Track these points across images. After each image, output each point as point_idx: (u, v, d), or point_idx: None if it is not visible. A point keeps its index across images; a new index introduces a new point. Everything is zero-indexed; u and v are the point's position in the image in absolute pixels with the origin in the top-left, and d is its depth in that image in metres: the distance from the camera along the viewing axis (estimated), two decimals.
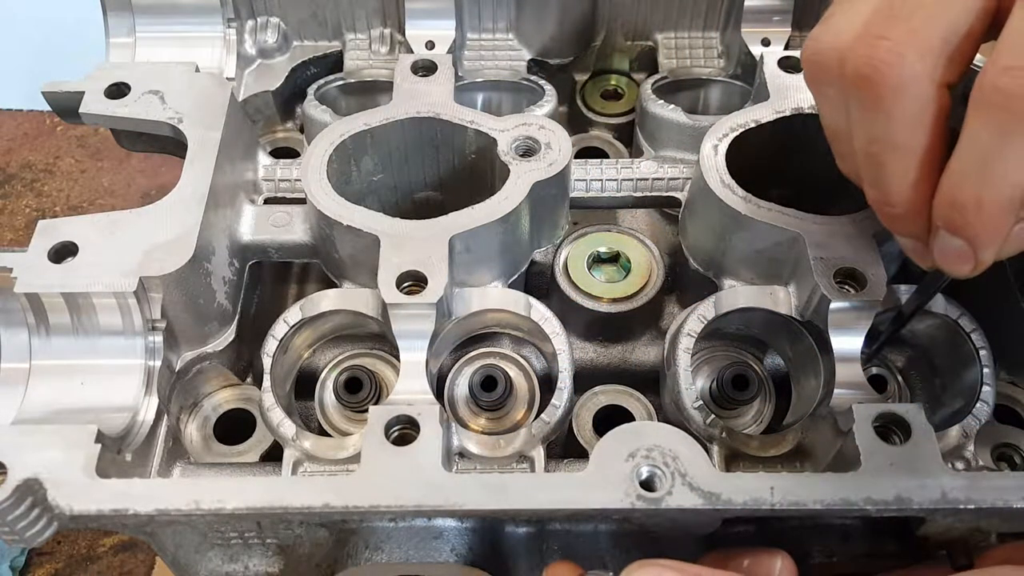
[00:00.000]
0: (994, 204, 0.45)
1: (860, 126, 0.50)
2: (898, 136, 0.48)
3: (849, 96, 0.50)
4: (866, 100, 0.48)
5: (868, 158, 0.51)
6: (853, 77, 0.48)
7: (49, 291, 0.60)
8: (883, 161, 0.49)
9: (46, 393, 0.61)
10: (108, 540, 1.50)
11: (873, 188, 0.52)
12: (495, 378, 0.66)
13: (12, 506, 0.51)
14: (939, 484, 0.52)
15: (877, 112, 0.48)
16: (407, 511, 0.52)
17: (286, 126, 0.95)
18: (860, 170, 0.53)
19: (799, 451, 0.62)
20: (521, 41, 0.94)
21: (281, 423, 0.62)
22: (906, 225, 0.52)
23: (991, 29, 0.47)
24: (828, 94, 0.53)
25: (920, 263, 0.54)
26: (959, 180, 0.46)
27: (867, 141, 0.50)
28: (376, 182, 0.75)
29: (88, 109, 0.72)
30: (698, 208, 0.71)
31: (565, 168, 0.67)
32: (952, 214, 0.47)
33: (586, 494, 0.52)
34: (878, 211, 0.53)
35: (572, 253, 0.75)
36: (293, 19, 0.93)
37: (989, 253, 0.48)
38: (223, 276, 0.68)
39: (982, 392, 0.63)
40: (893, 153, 0.49)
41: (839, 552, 0.65)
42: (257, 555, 0.69)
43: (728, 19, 0.92)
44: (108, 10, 0.88)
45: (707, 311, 0.65)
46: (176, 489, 0.52)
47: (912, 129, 0.47)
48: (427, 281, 0.61)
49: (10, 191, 1.95)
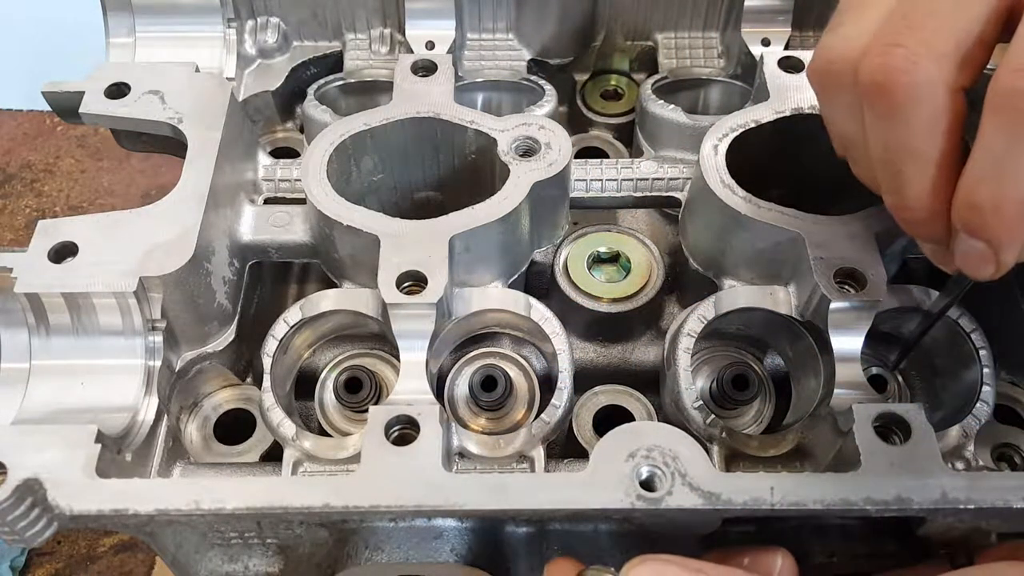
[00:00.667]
0: (1012, 205, 0.45)
1: (875, 134, 0.50)
2: (915, 142, 0.48)
3: (863, 104, 0.49)
4: (881, 108, 0.48)
5: (885, 165, 0.50)
6: (868, 85, 0.48)
7: (49, 291, 0.60)
8: (900, 168, 0.49)
9: (46, 393, 0.61)
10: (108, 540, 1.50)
11: (892, 194, 0.52)
12: (495, 378, 0.66)
13: (12, 506, 0.51)
14: (939, 484, 0.52)
15: (893, 120, 0.48)
16: (407, 511, 0.52)
17: (286, 126, 0.95)
18: (877, 177, 0.52)
19: (799, 451, 0.62)
20: (521, 41, 0.94)
21: (281, 423, 0.62)
22: (926, 230, 0.51)
23: (1004, 31, 0.47)
24: (841, 102, 0.52)
25: (943, 267, 0.54)
26: (976, 182, 0.46)
27: (883, 148, 0.50)
28: (376, 182, 0.75)
29: (88, 109, 0.72)
30: (698, 208, 0.71)
31: (565, 168, 0.67)
32: (971, 217, 0.47)
33: (586, 494, 0.52)
34: (897, 217, 0.52)
35: (572, 253, 0.75)
36: (293, 19, 0.93)
37: (1010, 254, 0.48)
38: (223, 276, 0.68)
39: (982, 392, 0.63)
40: (910, 159, 0.48)
41: (839, 552, 0.65)
42: (257, 555, 0.69)
43: (728, 19, 0.92)
44: (108, 10, 0.88)
45: (707, 311, 0.65)
46: (176, 489, 0.52)
47: (928, 135, 0.47)
48: (427, 281, 0.61)
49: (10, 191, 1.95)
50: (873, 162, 0.52)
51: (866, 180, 0.55)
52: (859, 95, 0.49)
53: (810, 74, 0.54)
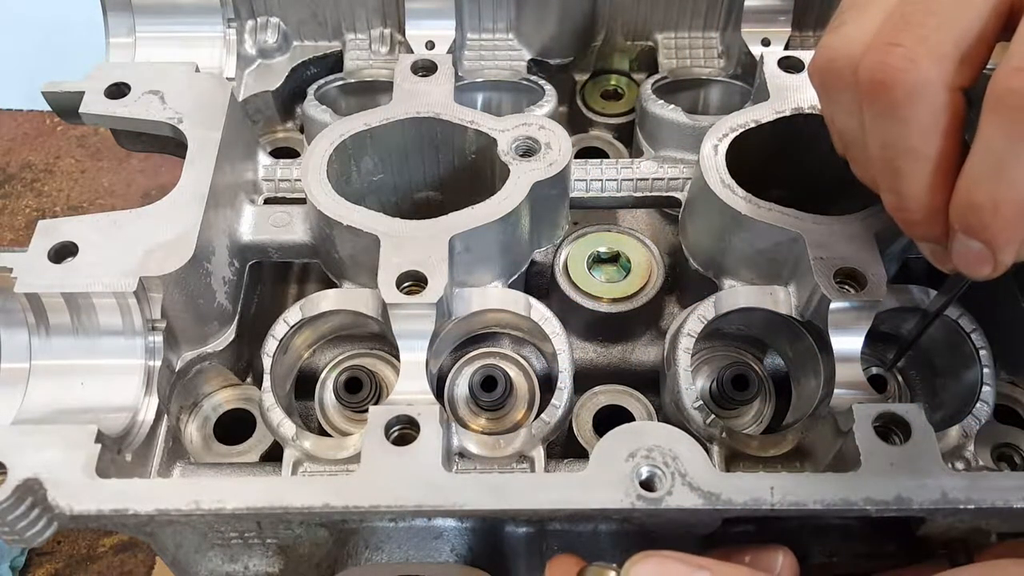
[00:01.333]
0: (1011, 205, 0.45)
1: (875, 132, 0.50)
2: (913, 141, 0.48)
3: (863, 103, 0.50)
4: (881, 106, 0.48)
5: (884, 164, 0.51)
6: (867, 84, 0.48)
7: (49, 291, 0.60)
8: (899, 166, 0.49)
9: (46, 393, 0.61)
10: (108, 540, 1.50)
11: (890, 193, 0.52)
12: (495, 378, 0.66)
13: (12, 506, 0.51)
14: (939, 484, 0.52)
15: (892, 118, 0.48)
16: (407, 511, 0.52)
17: (286, 126, 0.95)
18: (876, 176, 0.52)
19: (799, 451, 0.62)
20: (521, 41, 0.94)
21: (281, 423, 0.62)
22: (924, 229, 0.51)
23: (1004, 30, 0.47)
24: (841, 101, 0.52)
25: (940, 267, 0.54)
26: (975, 182, 0.46)
27: (882, 147, 0.50)
28: (376, 182, 0.75)
29: (88, 109, 0.72)
30: (698, 208, 0.71)
31: (565, 168, 0.67)
32: (969, 216, 0.47)
33: (586, 494, 0.52)
34: (896, 216, 0.52)
35: (572, 253, 0.75)
36: (293, 19, 0.93)
37: (1008, 254, 0.48)
38: (223, 276, 0.68)
39: (982, 392, 0.63)
40: (909, 158, 0.49)
41: (839, 552, 0.65)
42: (257, 555, 0.69)
43: (728, 19, 0.92)
44: (108, 10, 0.88)
45: (707, 311, 0.65)
46: (176, 489, 0.52)
47: (927, 134, 0.47)
48: (427, 281, 0.61)
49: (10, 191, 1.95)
50: (872, 161, 0.52)
51: (866, 180, 0.55)
52: (859, 93, 0.49)
53: (811, 72, 0.54)
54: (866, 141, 0.51)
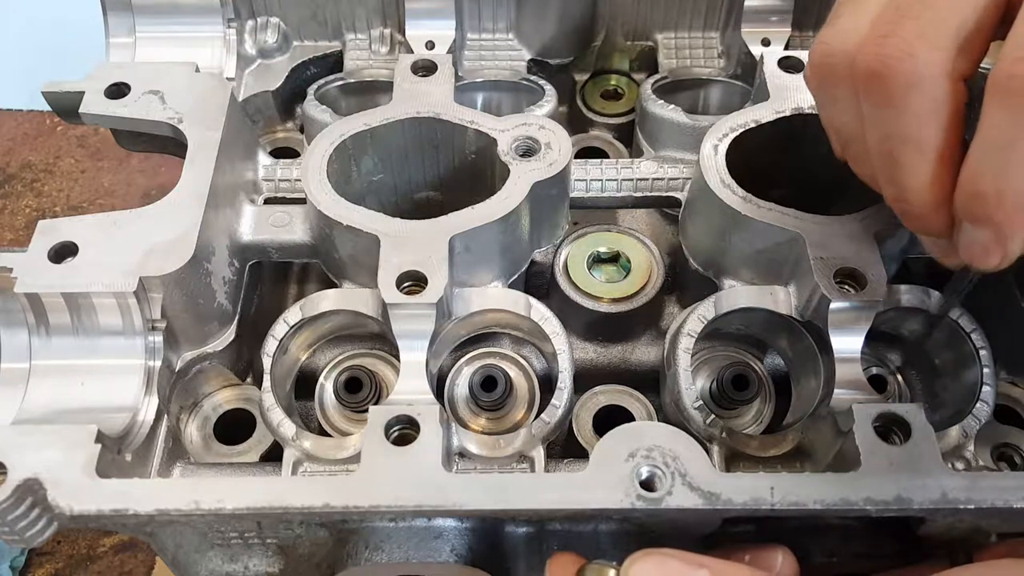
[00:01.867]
0: (1017, 191, 0.45)
1: (873, 125, 0.50)
2: (912, 131, 0.47)
3: (861, 95, 0.49)
4: (878, 97, 0.48)
5: (883, 157, 0.50)
6: (864, 75, 0.48)
7: (49, 291, 0.60)
8: (898, 157, 0.49)
9: (46, 393, 0.61)
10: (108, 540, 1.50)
11: (890, 186, 0.51)
12: (495, 378, 0.66)
13: (12, 506, 0.51)
14: (939, 484, 0.52)
15: (889, 108, 0.48)
16: (407, 511, 0.52)
17: (286, 126, 0.95)
18: (876, 170, 0.52)
19: (799, 451, 0.62)
20: (521, 41, 0.94)
21: (281, 423, 0.62)
22: (926, 222, 0.51)
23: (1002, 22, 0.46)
24: (838, 96, 0.52)
25: (944, 261, 0.54)
26: (979, 170, 0.46)
27: (881, 139, 0.50)
28: (376, 182, 0.75)
29: (88, 109, 0.72)
30: (698, 208, 0.71)
31: (565, 168, 0.67)
32: (974, 205, 0.47)
33: (586, 494, 0.52)
34: (897, 210, 0.52)
35: (572, 253, 0.75)
36: (293, 19, 0.93)
37: (1017, 242, 0.47)
38: (223, 276, 0.68)
39: (982, 392, 0.63)
40: (909, 148, 0.48)
41: (839, 552, 0.65)
42: (257, 555, 0.69)
43: (728, 19, 0.92)
44: (108, 10, 0.88)
45: (707, 311, 0.65)
46: (176, 489, 0.52)
47: (927, 123, 0.47)
48: (427, 281, 0.61)
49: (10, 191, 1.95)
50: (872, 155, 0.51)
51: (865, 177, 0.55)
52: (856, 86, 0.49)
53: (808, 69, 0.54)
54: (865, 135, 0.51)
